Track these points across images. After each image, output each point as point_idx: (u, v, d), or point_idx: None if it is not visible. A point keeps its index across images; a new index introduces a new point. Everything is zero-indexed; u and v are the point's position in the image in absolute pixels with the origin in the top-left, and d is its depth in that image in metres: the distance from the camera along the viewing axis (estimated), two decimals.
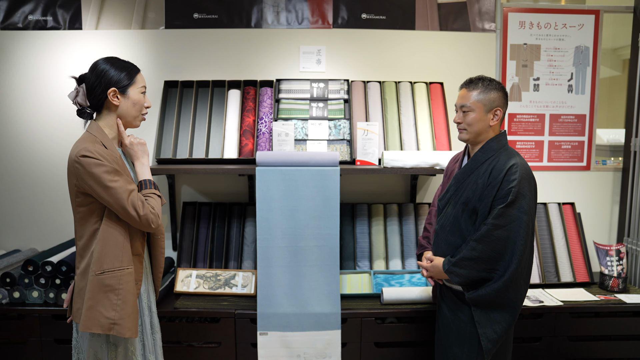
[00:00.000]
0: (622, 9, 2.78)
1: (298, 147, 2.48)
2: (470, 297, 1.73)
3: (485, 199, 1.71)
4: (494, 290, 1.68)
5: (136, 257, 1.62)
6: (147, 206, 1.55)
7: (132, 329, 1.55)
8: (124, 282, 1.55)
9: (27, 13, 2.68)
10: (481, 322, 1.71)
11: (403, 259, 2.56)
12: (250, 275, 2.43)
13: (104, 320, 1.52)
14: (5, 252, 2.70)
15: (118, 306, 1.53)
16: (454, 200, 1.82)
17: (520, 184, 1.66)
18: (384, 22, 2.75)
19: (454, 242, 1.81)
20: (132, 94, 1.61)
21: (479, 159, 1.78)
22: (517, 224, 1.66)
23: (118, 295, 1.53)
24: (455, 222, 1.81)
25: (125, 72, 1.60)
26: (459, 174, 1.83)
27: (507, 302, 1.70)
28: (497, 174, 1.70)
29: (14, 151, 2.73)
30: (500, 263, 1.68)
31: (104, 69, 1.58)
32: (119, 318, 1.52)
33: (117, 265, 1.54)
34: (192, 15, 2.71)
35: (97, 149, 1.51)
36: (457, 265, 1.73)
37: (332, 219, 2.15)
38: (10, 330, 2.24)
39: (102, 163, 1.49)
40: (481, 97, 1.76)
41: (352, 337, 2.23)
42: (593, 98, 2.84)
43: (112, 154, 1.55)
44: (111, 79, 1.57)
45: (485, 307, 1.71)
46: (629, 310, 2.30)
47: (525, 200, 1.66)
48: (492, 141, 1.78)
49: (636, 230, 2.67)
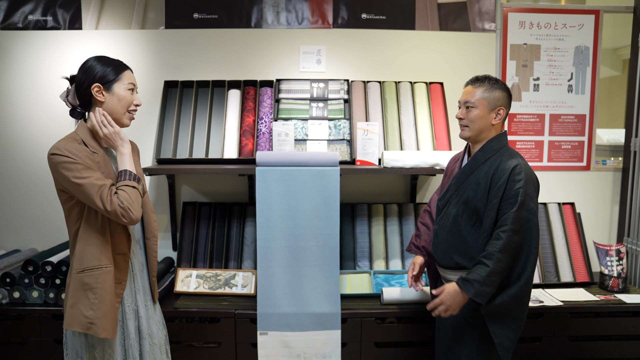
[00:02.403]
0: (622, 9, 2.78)
1: (298, 147, 2.48)
2: (486, 311, 1.66)
3: (491, 200, 1.69)
4: (510, 297, 1.64)
5: (120, 256, 1.60)
6: (116, 200, 1.49)
7: (108, 329, 1.53)
8: (101, 281, 1.53)
9: (27, 13, 2.68)
10: (496, 332, 1.67)
11: (403, 259, 2.56)
12: (250, 275, 2.43)
13: (83, 319, 1.52)
14: (5, 252, 2.70)
15: (95, 305, 1.52)
16: (455, 200, 1.81)
17: (527, 185, 1.65)
18: (384, 22, 2.75)
19: (453, 243, 1.80)
20: (117, 90, 1.59)
21: (480, 158, 1.77)
22: (528, 226, 1.65)
23: (95, 294, 1.52)
24: (454, 222, 1.79)
25: (111, 67, 1.59)
26: (459, 173, 1.83)
27: (520, 306, 1.68)
28: (500, 175, 1.68)
29: (14, 151, 2.73)
30: (515, 269, 1.66)
31: (91, 65, 1.58)
32: (95, 317, 1.52)
33: (95, 263, 1.54)
34: (192, 15, 2.71)
35: (68, 146, 1.51)
36: (486, 284, 1.60)
37: (332, 219, 2.15)
38: (10, 330, 2.24)
39: (70, 160, 1.49)
40: (486, 95, 1.75)
41: (352, 337, 2.23)
42: (593, 98, 2.84)
43: (86, 150, 1.54)
44: (96, 74, 1.56)
45: (500, 317, 1.67)
46: (629, 310, 2.30)
47: (532, 201, 1.66)
48: (492, 141, 1.77)
49: (636, 230, 2.67)
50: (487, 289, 1.60)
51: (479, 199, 1.73)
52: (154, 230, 1.74)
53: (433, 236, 1.93)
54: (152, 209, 1.75)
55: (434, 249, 1.92)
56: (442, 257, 1.85)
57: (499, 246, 1.61)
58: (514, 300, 1.65)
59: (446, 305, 1.66)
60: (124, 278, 1.61)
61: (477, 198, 1.73)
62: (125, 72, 1.62)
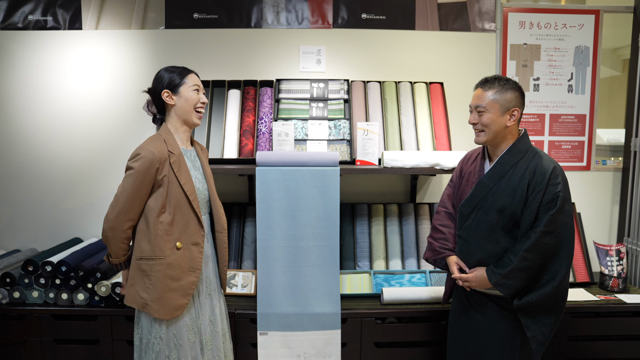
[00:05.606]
0: (622, 9, 2.78)
1: (298, 147, 2.48)
2: (518, 304, 1.69)
3: (529, 205, 1.67)
4: (543, 296, 1.66)
5: (194, 247, 1.75)
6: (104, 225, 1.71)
7: (160, 311, 1.68)
8: (155, 271, 1.69)
9: (27, 13, 2.68)
10: (529, 326, 1.69)
11: (403, 259, 2.56)
12: (250, 275, 2.43)
13: (139, 299, 1.71)
14: (5, 252, 2.70)
15: (149, 289, 1.69)
16: (485, 207, 1.75)
17: (564, 188, 1.65)
18: (384, 22, 2.75)
19: (490, 250, 1.76)
20: (183, 93, 1.75)
21: (507, 162, 1.72)
22: (564, 228, 1.65)
23: (150, 280, 1.69)
24: (490, 230, 1.75)
25: (176, 73, 1.76)
26: (486, 179, 1.76)
27: (555, 304, 1.68)
28: (539, 180, 1.65)
29: (14, 151, 2.73)
30: (550, 268, 1.66)
31: (160, 75, 1.78)
32: (149, 299, 1.69)
33: (150, 254, 1.70)
34: (192, 15, 2.71)
35: (149, 146, 1.68)
36: (507, 277, 1.67)
37: (332, 219, 2.15)
38: (10, 330, 2.24)
39: (135, 161, 1.67)
40: (497, 97, 1.70)
41: (352, 337, 2.23)
42: (593, 98, 2.84)
43: (164, 149, 1.70)
44: (164, 82, 1.75)
45: (533, 312, 1.69)
46: (629, 310, 2.30)
47: (569, 204, 1.67)
48: (518, 142, 1.73)
49: (636, 230, 2.67)
50: (508, 281, 1.67)
51: (517, 205, 1.69)
52: (224, 223, 1.89)
53: (459, 242, 1.87)
54: (220, 205, 1.89)
55: (465, 256, 1.84)
56: (476, 264, 1.80)
57: (526, 245, 1.65)
58: (547, 299, 1.66)
59: (472, 284, 1.79)
60: (197, 267, 1.75)
61: (514, 204, 1.69)
62: (189, 76, 1.78)
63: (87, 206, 2.76)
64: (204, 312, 1.82)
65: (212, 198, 1.87)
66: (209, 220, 1.87)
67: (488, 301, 1.80)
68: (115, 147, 2.73)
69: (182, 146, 1.80)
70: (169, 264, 1.68)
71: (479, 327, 1.82)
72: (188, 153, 1.82)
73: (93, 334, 2.23)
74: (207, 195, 1.85)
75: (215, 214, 1.87)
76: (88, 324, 2.23)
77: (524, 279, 1.67)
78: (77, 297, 2.24)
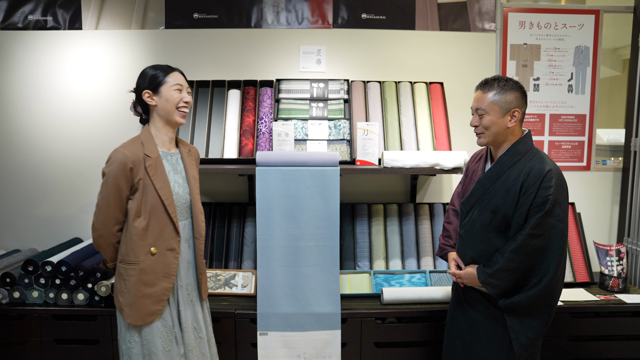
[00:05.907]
0: (622, 9, 2.78)
1: (298, 147, 2.48)
2: (503, 304, 1.70)
3: (520, 207, 1.67)
4: (528, 298, 1.66)
5: (170, 252, 1.72)
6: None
7: (132, 316, 1.67)
8: (129, 275, 1.68)
9: (27, 13, 2.68)
10: (514, 328, 1.69)
11: (403, 259, 2.56)
12: (250, 275, 2.43)
13: (117, 302, 1.72)
14: (5, 252, 2.70)
15: (124, 293, 1.69)
16: (480, 206, 1.77)
17: (557, 192, 1.62)
18: (384, 22, 2.75)
19: (482, 249, 1.77)
20: (164, 93, 1.71)
21: (506, 162, 1.72)
22: (554, 232, 1.63)
23: (126, 284, 1.68)
24: (483, 229, 1.76)
25: (158, 71, 1.72)
26: (484, 178, 1.78)
27: (541, 308, 1.68)
28: (533, 182, 1.64)
29: (14, 151, 2.73)
30: (537, 271, 1.65)
31: (143, 73, 1.73)
32: (124, 304, 1.69)
33: (126, 258, 1.68)
34: (192, 15, 2.71)
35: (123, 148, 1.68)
36: (493, 277, 1.69)
37: (332, 219, 2.15)
38: (10, 330, 2.24)
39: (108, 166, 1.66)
40: (497, 99, 1.70)
41: (352, 337, 2.23)
42: (593, 98, 2.84)
43: (139, 152, 1.68)
44: (144, 82, 1.72)
45: (518, 314, 1.69)
46: (629, 310, 2.30)
47: (561, 208, 1.64)
48: (518, 144, 1.72)
49: (636, 230, 2.67)
50: (495, 281, 1.69)
51: (509, 206, 1.69)
52: (202, 230, 1.84)
53: (458, 239, 1.90)
54: (200, 210, 1.84)
55: (460, 253, 1.89)
56: (470, 261, 1.83)
57: (513, 246, 1.66)
58: (532, 302, 1.66)
59: (465, 281, 1.83)
60: (172, 273, 1.72)
61: (507, 205, 1.69)
62: (171, 74, 1.73)
63: (87, 206, 2.76)
64: (187, 319, 1.78)
65: (193, 203, 1.81)
66: (190, 225, 1.82)
67: (481, 298, 1.82)
68: (116, 147, 2.72)
69: (162, 149, 1.76)
70: (142, 269, 1.66)
71: (472, 322, 1.84)
72: (169, 156, 1.77)
73: (93, 334, 2.23)
74: (188, 200, 1.79)
75: (195, 220, 1.82)
76: (88, 324, 2.23)
77: (510, 279, 1.67)
78: (77, 297, 2.24)
